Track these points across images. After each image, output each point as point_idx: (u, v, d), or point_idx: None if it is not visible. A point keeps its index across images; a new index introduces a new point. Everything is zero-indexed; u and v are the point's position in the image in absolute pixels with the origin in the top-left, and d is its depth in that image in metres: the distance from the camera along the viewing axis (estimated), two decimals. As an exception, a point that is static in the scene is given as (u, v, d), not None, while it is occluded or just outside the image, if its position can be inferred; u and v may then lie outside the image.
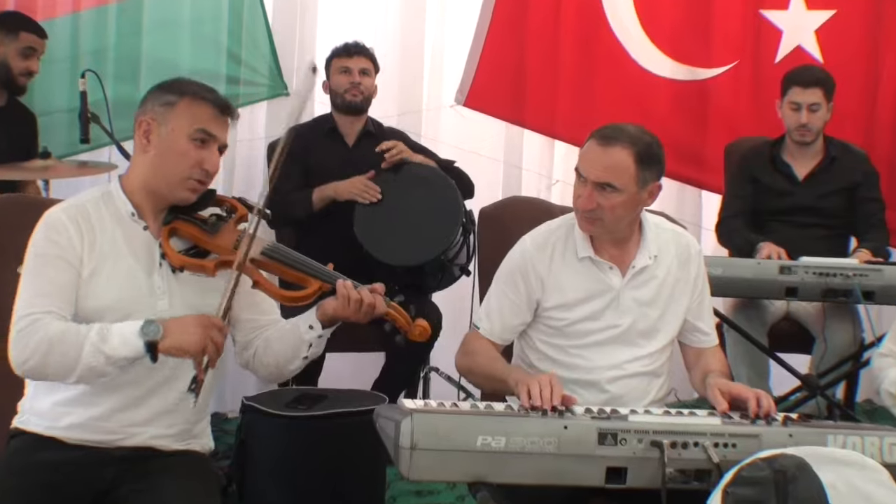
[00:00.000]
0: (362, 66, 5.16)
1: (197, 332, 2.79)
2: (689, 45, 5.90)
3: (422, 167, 4.92)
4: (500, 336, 3.49)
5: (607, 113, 5.73)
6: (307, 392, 4.19)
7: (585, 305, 3.41)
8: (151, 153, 2.98)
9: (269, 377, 3.25)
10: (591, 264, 3.41)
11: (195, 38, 5.69)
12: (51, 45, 5.36)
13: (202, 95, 2.98)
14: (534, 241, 3.48)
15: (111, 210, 3.02)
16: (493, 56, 5.82)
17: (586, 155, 3.28)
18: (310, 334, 3.06)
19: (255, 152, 5.73)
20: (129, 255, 2.99)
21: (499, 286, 3.50)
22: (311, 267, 3.07)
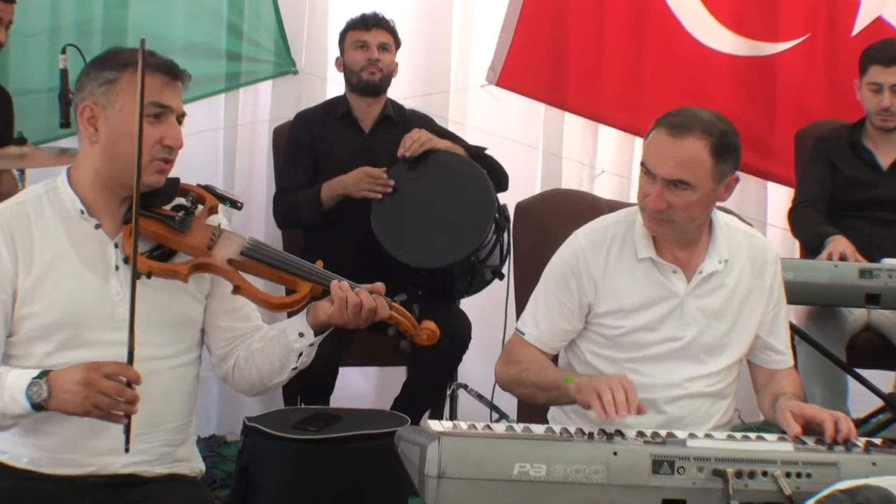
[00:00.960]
0: (381, 41, 5.14)
1: (78, 391, 2.72)
2: (753, 17, 5.89)
3: (449, 155, 4.89)
4: (549, 343, 3.49)
5: (659, 93, 5.73)
6: (318, 412, 4.19)
7: (643, 313, 3.41)
8: (102, 141, 2.96)
9: (251, 392, 3.25)
10: (651, 266, 3.40)
11: (190, 9, 5.69)
12: (28, 17, 5.39)
13: (148, 65, 2.89)
14: (588, 238, 3.47)
15: (56, 208, 3.01)
16: (530, 29, 5.82)
17: (655, 148, 3.24)
18: (300, 343, 3.04)
19: (258, 138, 5.73)
20: (77, 258, 2.97)
21: (548, 287, 3.50)
22: (299, 267, 3.05)
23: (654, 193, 3.23)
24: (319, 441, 3.95)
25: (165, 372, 3.04)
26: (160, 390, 3.01)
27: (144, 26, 5.60)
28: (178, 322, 3.06)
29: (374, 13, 5.21)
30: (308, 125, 5.19)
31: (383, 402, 5.04)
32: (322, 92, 5.71)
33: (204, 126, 5.72)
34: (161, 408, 3.04)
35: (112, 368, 2.73)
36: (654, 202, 3.24)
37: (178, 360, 3.08)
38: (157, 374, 2.99)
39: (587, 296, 3.43)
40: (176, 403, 3.10)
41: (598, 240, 3.46)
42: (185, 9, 5.68)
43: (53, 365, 2.88)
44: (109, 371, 2.73)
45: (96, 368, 2.73)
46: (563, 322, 3.47)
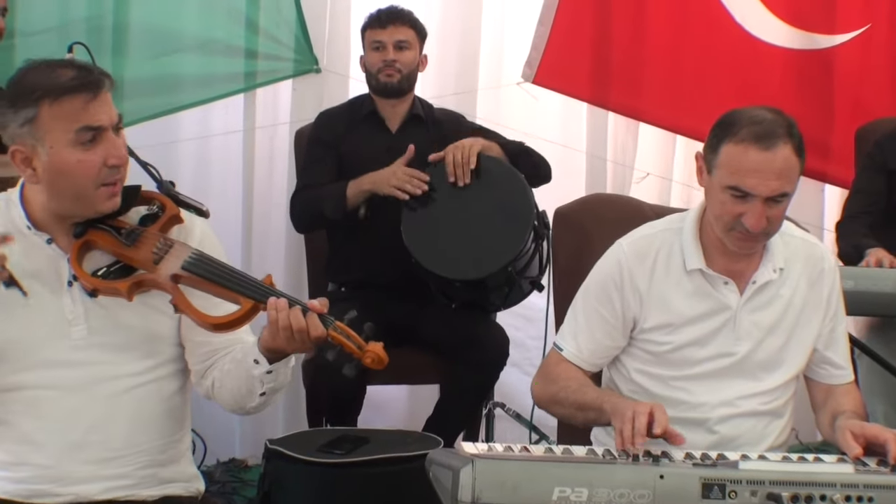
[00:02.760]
0: (398, 39, 5.12)
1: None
2: (809, 7, 5.87)
3: (485, 159, 4.86)
4: (590, 360, 3.49)
5: (706, 90, 5.73)
6: (345, 433, 4.20)
7: (693, 327, 3.41)
8: (43, 180, 2.92)
9: (235, 413, 3.22)
10: (701, 278, 3.40)
11: (205, 4, 5.70)
12: (33, 14, 5.42)
13: (61, 89, 2.84)
14: (633, 248, 3.47)
15: (6, 222, 3.01)
16: (569, 21, 5.80)
17: (749, 167, 3.18)
18: (257, 370, 2.99)
19: (278, 142, 5.74)
20: (29, 274, 2.98)
21: (588, 300, 3.50)
22: (242, 283, 2.97)
23: (755, 214, 3.19)
24: (346, 465, 3.97)
25: (132, 391, 3.03)
26: (128, 410, 3.03)
27: (155, 22, 5.62)
28: (143, 339, 3.04)
29: (391, 8, 5.19)
30: (332, 124, 5.20)
31: (415, 423, 5.04)
32: (345, 91, 5.71)
33: (220, 129, 5.76)
34: (132, 428, 3.04)
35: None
36: (758, 223, 3.20)
37: (145, 378, 3.06)
38: (122, 394, 3.01)
39: (631, 310, 3.43)
40: (151, 422, 3.09)
41: (644, 249, 3.45)
42: (198, 4, 5.69)
43: (8, 384, 2.94)
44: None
45: None
46: (605, 338, 3.47)
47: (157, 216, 3.07)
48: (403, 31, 5.14)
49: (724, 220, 3.27)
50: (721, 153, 3.23)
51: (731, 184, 3.21)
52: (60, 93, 2.84)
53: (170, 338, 3.10)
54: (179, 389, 3.16)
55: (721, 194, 3.24)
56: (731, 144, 3.21)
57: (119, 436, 3.01)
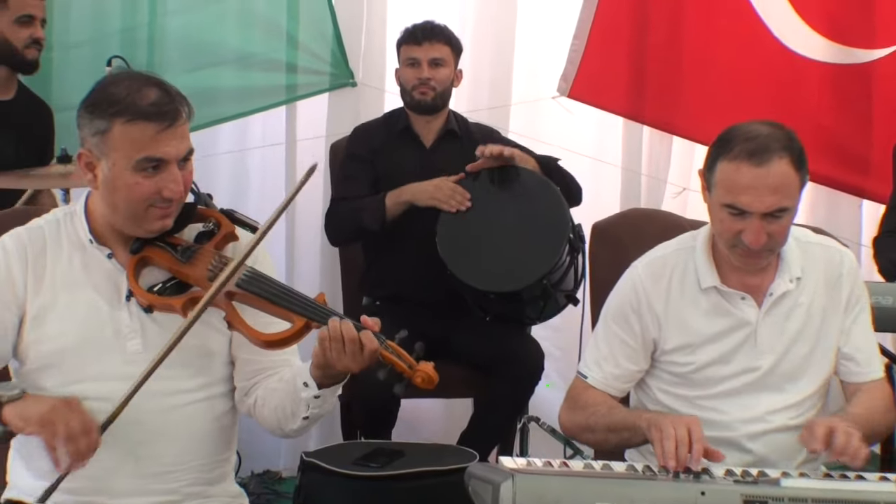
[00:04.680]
0: (433, 56, 5.11)
1: (50, 404, 2.75)
2: (848, 21, 5.84)
3: (520, 171, 4.85)
4: (615, 385, 3.48)
5: (743, 104, 5.69)
6: (381, 446, 4.20)
7: (714, 346, 3.39)
8: (101, 189, 2.97)
9: (274, 433, 3.20)
10: (717, 295, 3.39)
11: (244, 17, 5.74)
12: (69, 27, 5.45)
13: (136, 112, 2.86)
14: (647, 270, 3.46)
15: (71, 233, 3.05)
16: (605, 35, 5.79)
17: (743, 184, 3.17)
18: (305, 393, 2.98)
19: (315, 155, 5.73)
20: (90, 286, 3.01)
21: (608, 326, 3.49)
22: (295, 301, 2.97)
23: (753, 230, 3.18)
24: (382, 478, 3.96)
25: (186, 407, 3.05)
26: (179, 427, 3.04)
27: (194, 35, 5.65)
28: (197, 356, 3.05)
29: (426, 23, 5.17)
30: (367, 139, 5.19)
31: (449, 436, 5.04)
32: (380, 105, 5.72)
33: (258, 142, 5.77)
34: (183, 445, 3.05)
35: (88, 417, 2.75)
36: (756, 239, 3.19)
37: (199, 395, 3.07)
38: (175, 411, 3.02)
39: (650, 332, 3.42)
40: (202, 440, 3.10)
41: (658, 271, 3.45)
42: (238, 17, 5.72)
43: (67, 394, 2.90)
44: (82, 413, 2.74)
45: (78, 403, 2.76)
46: (628, 362, 3.46)
47: (212, 233, 3.08)
48: (439, 49, 5.12)
49: (725, 237, 3.27)
50: (717, 171, 3.22)
51: (727, 202, 3.20)
52: (135, 116, 2.86)
53: (222, 355, 3.11)
54: (230, 409, 3.17)
55: (720, 212, 3.24)
56: (725, 162, 3.19)
57: (169, 452, 3.01)
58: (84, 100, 2.96)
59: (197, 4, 5.69)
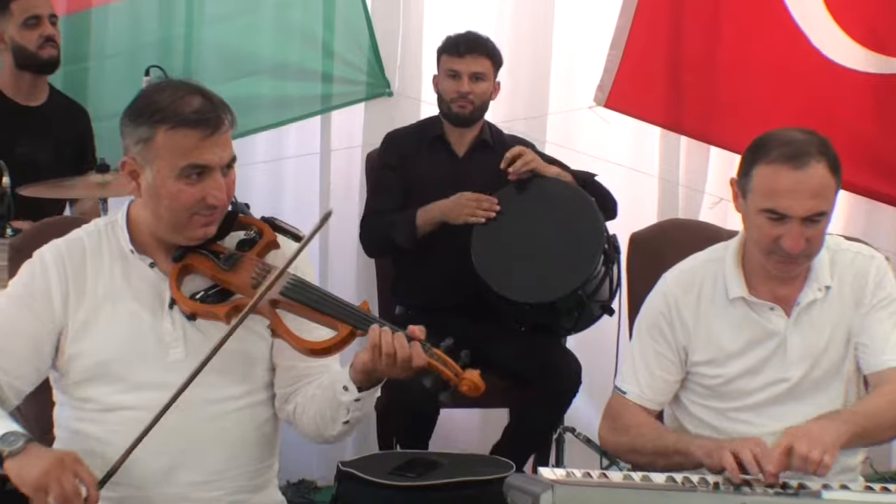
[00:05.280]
0: (475, 70, 5.08)
1: (43, 467, 2.71)
2: (887, 31, 5.78)
3: (554, 182, 4.87)
4: (653, 399, 3.47)
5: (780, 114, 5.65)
6: (418, 456, 4.19)
7: (743, 358, 3.39)
8: (144, 197, 2.99)
9: (313, 440, 3.21)
10: (745, 306, 3.39)
11: (280, 27, 5.76)
12: (107, 37, 5.50)
13: (180, 120, 2.89)
14: (677, 281, 3.47)
15: (112, 243, 3.08)
16: (642, 45, 5.77)
17: (783, 188, 3.17)
18: (345, 396, 2.98)
19: (352, 165, 5.77)
20: (131, 296, 3.03)
21: (642, 339, 3.50)
22: (340, 308, 2.98)
23: (793, 235, 3.18)
24: (419, 488, 3.95)
25: (229, 415, 3.06)
26: (223, 435, 3.05)
27: (230, 45, 5.68)
28: (239, 363, 3.06)
29: (470, 35, 5.14)
30: (398, 147, 5.20)
31: (485, 447, 5.03)
32: (416, 115, 5.72)
33: (294, 151, 5.79)
34: (226, 452, 3.07)
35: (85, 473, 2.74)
36: (796, 244, 3.18)
37: (241, 402, 3.09)
38: (218, 418, 3.04)
39: (681, 342, 3.43)
40: (246, 447, 3.11)
41: (687, 282, 3.45)
42: (274, 27, 5.74)
43: (106, 404, 2.97)
44: (81, 471, 2.74)
45: (75, 460, 2.75)
46: (664, 373, 3.46)
47: (253, 241, 3.10)
48: (481, 62, 5.09)
49: (762, 244, 3.26)
50: (754, 176, 3.23)
51: (765, 206, 3.20)
52: (178, 123, 2.88)
53: (264, 361, 3.12)
54: (273, 416, 3.18)
55: (757, 218, 3.24)
56: (763, 166, 3.20)
57: (213, 460, 3.03)
58: (127, 108, 2.98)
59: (233, 14, 5.71)
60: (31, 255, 3.11)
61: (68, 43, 5.32)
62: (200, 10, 5.68)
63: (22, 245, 3.59)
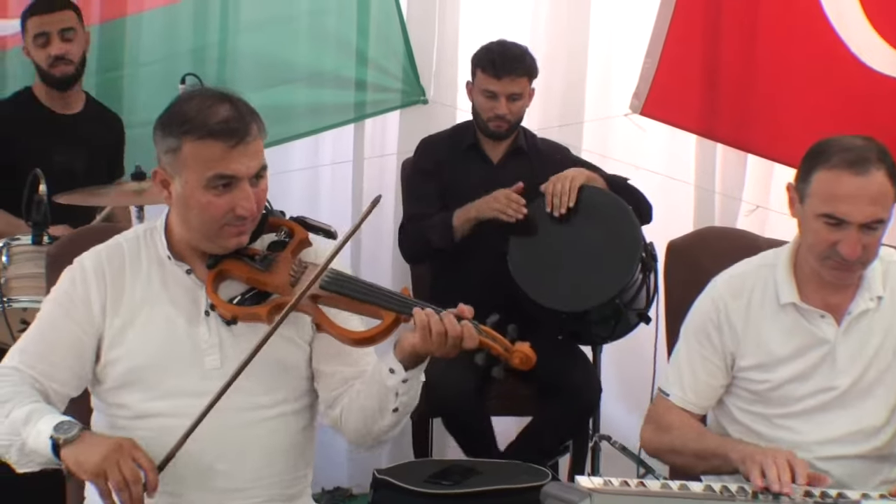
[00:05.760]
0: (512, 91, 5.04)
1: (102, 452, 2.73)
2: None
3: (591, 190, 4.84)
4: (697, 403, 3.47)
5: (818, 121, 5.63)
6: (454, 464, 4.20)
7: (791, 364, 3.38)
8: (175, 206, 3.02)
9: (361, 442, 3.17)
10: (795, 312, 3.38)
11: (314, 35, 5.79)
12: (142, 45, 5.51)
13: (206, 130, 2.90)
14: (727, 286, 3.46)
15: (150, 250, 3.10)
16: (677, 53, 5.74)
17: (844, 193, 3.16)
18: (392, 379, 2.96)
19: (386, 172, 5.77)
20: (168, 302, 3.05)
21: (689, 342, 3.49)
22: (382, 296, 3.00)
23: (850, 241, 3.16)
24: (455, 496, 3.97)
25: (264, 423, 3.06)
26: (257, 443, 3.05)
27: (265, 53, 5.70)
28: (276, 369, 3.06)
29: (507, 52, 5.06)
30: (433, 152, 5.20)
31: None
32: (451, 122, 5.69)
33: (329, 159, 5.80)
34: (261, 461, 3.07)
35: (144, 458, 2.76)
36: (853, 250, 3.17)
37: (275, 411, 3.09)
38: (253, 426, 3.04)
39: (729, 347, 3.42)
40: (280, 456, 3.11)
41: (738, 287, 3.44)
42: (308, 34, 5.77)
43: (141, 411, 2.98)
44: (140, 457, 2.76)
45: (133, 445, 2.78)
46: (709, 378, 3.45)
47: (285, 242, 3.11)
48: (518, 84, 5.04)
49: (818, 249, 3.25)
50: (813, 181, 3.21)
51: (824, 211, 3.19)
52: (204, 134, 2.89)
53: (300, 369, 3.12)
54: (308, 425, 3.18)
55: (815, 223, 3.22)
56: (823, 171, 3.19)
57: (247, 468, 3.04)
58: (159, 118, 3.00)
59: (268, 22, 5.74)
60: (67, 262, 3.14)
61: (103, 51, 5.36)
62: (235, 18, 5.72)
63: (59, 253, 3.60)
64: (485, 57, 5.08)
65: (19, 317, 4.48)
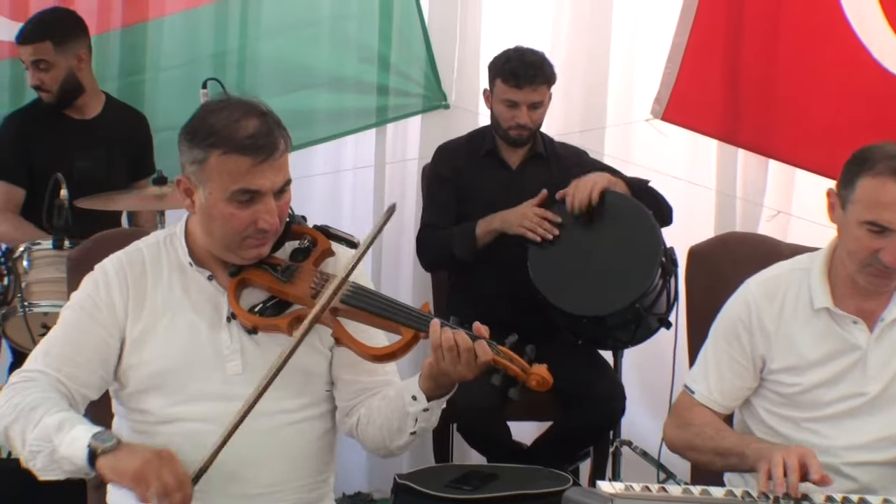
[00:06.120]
0: (533, 101, 5.02)
1: (142, 460, 2.74)
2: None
3: (611, 195, 4.82)
4: (721, 403, 3.46)
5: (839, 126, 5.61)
6: (475, 469, 4.20)
7: (822, 368, 3.37)
8: (198, 215, 3.03)
9: (378, 452, 3.21)
10: (828, 317, 3.37)
11: (336, 39, 5.79)
12: (163, 51, 5.53)
13: (233, 146, 2.89)
14: (761, 288, 3.45)
15: (171, 256, 3.11)
16: (699, 58, 5.73)
17: (887, 200, 3.16)
18: (414, 407, 2.98)
19: (408, 177, 5.77)
20: (190, 308, 3.06)
21: (717, 342, 3.48)
22: (401, 312, 2.99)
23: (893, 249, 3.16)
24: (476, 501, 3.97)
25: (288, 427, 3.07)
26: (280, 447, 3.06)
27: (286, 58, 5.71)
28: (297, 376, 3.05)
29: (527, 61, 5.03)
30: (450, 158, 5.19)
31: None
32: (473, 127, 5.62)
33: (350, 164, 5.80)
34: (284, 465, 3.08)
35: (180, 469, 2.75)
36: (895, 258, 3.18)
37: (300, 415, 3.10)
38: (279, 430, 3.05)
39: (759, 350, 3.42)
40: (303, 460, 3.12)
41: (772, 289, 3.44)
42: (329, 39, 5.78)
43: (165, 416, 3.00)
44: (177, 468, 2.75)
45: (171, 455, 2.77)
46: (736, 378, 3.45)
47: (308, 250, 3.11)
48: (539, 92, 5.02)
49: (859, 256, 3.24)
50: (857, 188, 3.21)
51: (868, 218, 3.18)
52: (231, 149, 2.89)
53: (322, 375, 3.13)
54: (330, 429, 3.19)
55: (857, 230, 3.21)
56: (867, 178, 3.18)
57: (270, 472, 3.04)
58: (184, 126, 3.00)
59: (289, 27, 5.75)
60: (88, 267, 3.15)
61: (124, 55, 5.38)
62: (256, 23, 5.73)
63: (80, 257, 3.62)
64: (504, 67, 5.05)
65: (40, 321, 4.50)
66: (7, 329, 4.58)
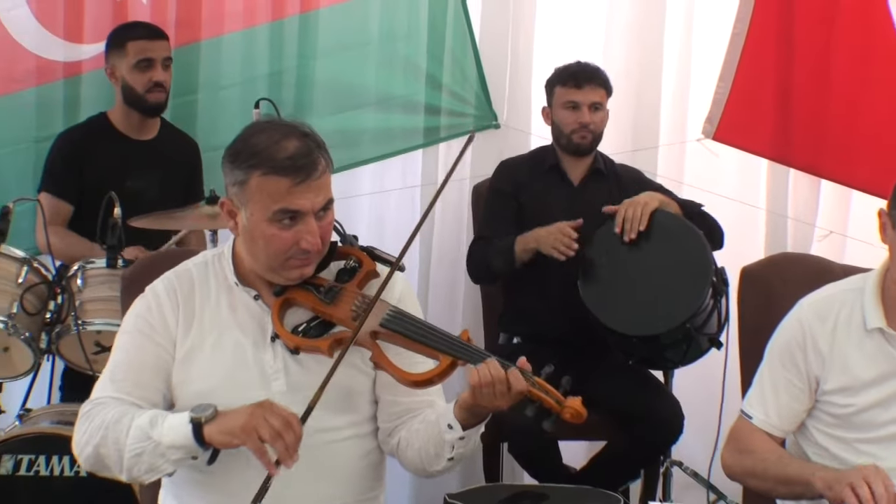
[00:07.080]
0: (593, 100, 5.09)
1: (246, 414, 2.79)
2: None
3: (663, 215, 4.82)
4: (780, 427, 3.44)
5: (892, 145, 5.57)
6: (524, 490, 4.21)
7: (875, 389, 3.34)
8: (241, 236, 3.04)
9: (418, 474, 3.20)
10: (881, 338, 3.34)
11: (386, 60, 5.80)
12: (220, 70, 5.54)
13: (273, 166, 2.90)
14: (814, 308, 3.42)
15: (219, 275, 3.12)
16: (750, 78, 5.72)
17: None
18: (450, 435, 2.97)
19: (460, 197, 5.76)
20: (236, 327, 3.07)
21: (773, 365, 3.45)
22: (439, 339, 2.97)
23: None
24: (527, 522, 3.95)
25: (334, 444, 3.07)
26: (327, 465, 3.05)
27: (338, 78, 5.71)
28: (341, 395, 3.05)
29: (585, 66, 5.15)
30: (511, 174, 5.21)
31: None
32: (525, 147, 5.70)
33: (397, 184, 5.81)
34: (331, 483, 3.07)
35: (285, 412, 2.79)
36: None
37: (347, 433, 3.10)
38: (325, 447, 3.04)
39: (814, 370, 3.38)
40: (351, 478, 3.12)
41: (825, 310, 3.41)
42: (379, 60, 5.78)
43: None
44: (281, 411, 2.79)
45: (271, 403, 2.82)
46: (793, 401, 3.42)
47: (354, 271, 3.10)
48: (598, 93, 5.11)
49: None
50: None
51: None
52: (271, 170, 2.90)
53: (366, 394, 3.13)
54: (376, 448, 3.18)
55: None
56: None
57: (317, 490, 3.04)
58: (228, 148, 3.02)
59: (341, 47, 5.76)
60: (142, 286, 3.17)
61: (176, 76, 5.38)
62: (313, 43, 5.73)
63: (133, 276, 3.64)
64: (563, 72, 5.16)
65: (93, 339, 4.52)
66: (61, 347, 4.59)
